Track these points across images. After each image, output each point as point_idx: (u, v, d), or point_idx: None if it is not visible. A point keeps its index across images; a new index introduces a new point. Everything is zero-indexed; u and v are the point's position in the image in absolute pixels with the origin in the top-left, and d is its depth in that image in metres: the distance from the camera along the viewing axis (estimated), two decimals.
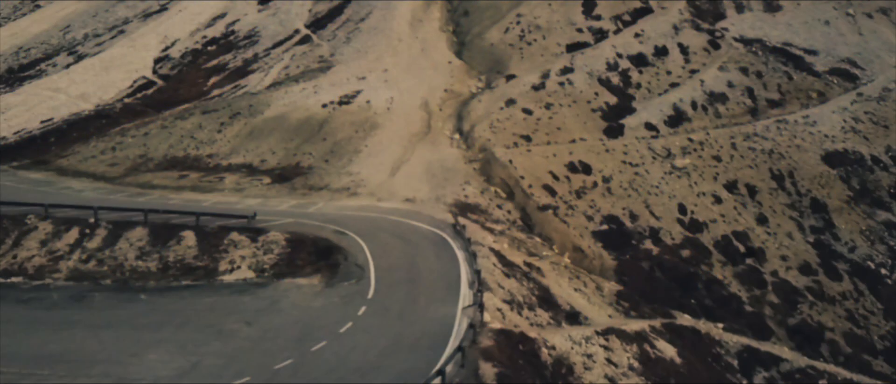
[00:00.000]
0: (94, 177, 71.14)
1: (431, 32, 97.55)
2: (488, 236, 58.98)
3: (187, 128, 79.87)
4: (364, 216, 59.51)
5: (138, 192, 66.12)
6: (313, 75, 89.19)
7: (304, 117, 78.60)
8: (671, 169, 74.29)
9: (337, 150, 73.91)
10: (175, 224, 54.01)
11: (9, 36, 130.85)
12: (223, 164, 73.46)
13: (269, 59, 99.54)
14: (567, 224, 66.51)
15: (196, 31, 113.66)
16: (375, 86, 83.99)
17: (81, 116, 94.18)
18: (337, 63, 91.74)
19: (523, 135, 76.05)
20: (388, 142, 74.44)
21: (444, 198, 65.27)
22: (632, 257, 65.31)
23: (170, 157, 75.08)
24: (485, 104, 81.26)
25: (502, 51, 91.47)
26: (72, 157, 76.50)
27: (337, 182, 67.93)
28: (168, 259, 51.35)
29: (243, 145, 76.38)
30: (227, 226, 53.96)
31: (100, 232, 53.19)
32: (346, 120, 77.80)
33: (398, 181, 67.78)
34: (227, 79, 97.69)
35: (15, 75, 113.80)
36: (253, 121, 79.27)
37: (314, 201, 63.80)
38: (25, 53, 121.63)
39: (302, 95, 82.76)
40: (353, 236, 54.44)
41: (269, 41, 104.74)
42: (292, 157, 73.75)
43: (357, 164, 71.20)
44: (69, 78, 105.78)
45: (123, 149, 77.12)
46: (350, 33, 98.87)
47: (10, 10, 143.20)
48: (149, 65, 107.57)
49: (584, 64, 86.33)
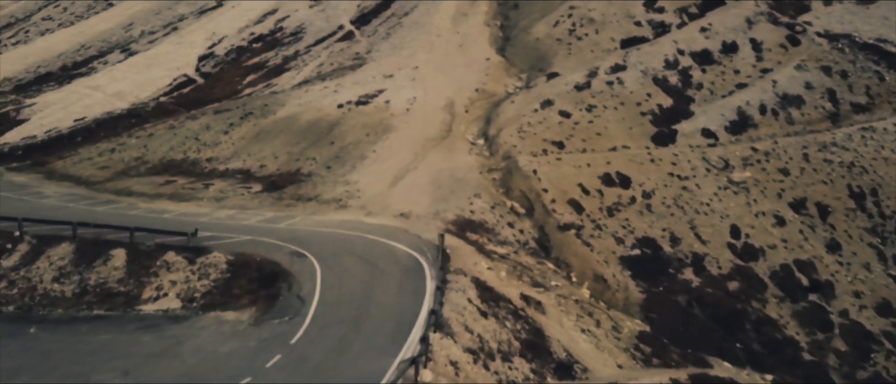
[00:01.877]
0: (78, 181, 63.50)
1: (474, 27, 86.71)
2: (483, 262, 47.98)
3: (194, 129, 71.55)
4: (338, 234, 49.41)
5: (110, 199, 57.99)
6: (342, 73, 79.76)
7: (315, 118, 69.13)
8: (727, 183, 61.38)
9: (342, 155, 64.07)
10: (107, 240, 45.12)
11: (75, 33, 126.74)
12: (219, 169, 64.66)
13: (308, 56, 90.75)
14: (590, 247, 54.71)
15: (245, 27, 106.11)
16: (400, 84, 73.88)
17: (113, 115, 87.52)
18: (370, 60, 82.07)
19: (555, 141, 64.40)
20: (399, 147, 64.15)
21: (444, 213, 54.51)
22: (665, 289, 53.00)
23: (166, 161, 66.83)
24: (517, 106, 69.93)
25: (548, 46, 79.84)
26: (70, 159, 69.18)
27: (329, 192, 58.02)
28: (88, 282, 42.46)
29: (247, 148, 67.41)
30: (166, 245, 44.77)
31: (21, 247, 44.79)
32: (359, 122, 67.91)
33: (397, 193, 57.40)
34: (262, 77, 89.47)
35: (67, 73, 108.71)
36: (262, 122, 70.26)
37: (292, 214, 54.15)
38: (84, 51, 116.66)
39: (319, 95, 73.37)
40: (310, 260, 44.52)
41: (312, 38, 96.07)
42: (294, 162, 64.29)
43: (358, 171, 61.18)
44: (110, 76, 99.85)
45: (123, 151, 69.34)
46: (390, 29, 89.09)
47: (84, 8, 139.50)
48: (192, 62, 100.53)
49: (639, 61, 73.84)
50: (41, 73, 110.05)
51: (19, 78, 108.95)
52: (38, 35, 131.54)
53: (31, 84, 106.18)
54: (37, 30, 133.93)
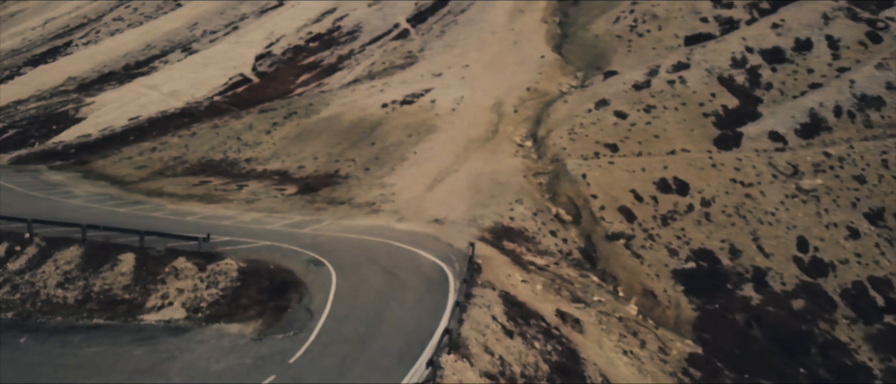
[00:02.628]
0: (113, 180, 61.31)
1: (530, 24, 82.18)
2: (517, 274, 43.70)
3: (237, 128, 68.89)
4: (363, 241, 45.66)
5: (138, 199, 55.43)
6: (391, 72, 76.26)
7: (357, 119, 65.69)
8: (795, 191, 55.66)
9: (382, 156, 60.43)
10: (117, 244, 42.23)
11: (142, 33, 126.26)
12: (257, 170, 61.71)
13: (362, 55, 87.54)
14: (641, 259, 49.85)
15: (303, 26, 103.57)
16: (448, 83, 69.95)
17: (166, 114, 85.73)
18: (421, 59, 78.36)
19: (608, 143, 59.55)
20: (441, 148, 60.19)
21: (480, 220, 50.34)
22: (721, 307, 47.81)
23: (205, 161, 64.23)
24: (570, 105, 65.23)
25: (607, 43, 74.84)
26: (111, 158, 67.24)
27: (363, 196, 54.41)
28: (92, 289, 39.62)
29: (287, 149, 64.34)
30: (177, 250, 41.66)
31: (30, 250, 42.22)
32: (401, 122, 64.19)
33: (434, 197, 53.44)
34: (315, 77, 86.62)
35: (129, 72, 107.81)
36: (305, 122, 67.20)
37: (321, 218, 50.66)
38: (148, 51, 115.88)
39: (365, 94, 69.93)
40: (327, 268, 40.90)
41: (368, 37, 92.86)
42: (333, 163, 60.92)
43: (396, 174, 57.46)
44: (167, 75, 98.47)
45: (164, 150, 67.08)
46: (445, 26, 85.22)
47: (153, 8, 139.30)
48: (249, 61, 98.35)
49: (704, 59, 68.29)
50: (105, 72, 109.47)
51: (84, 77, 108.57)
52: (107, 35, 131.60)
53: (94, 83, 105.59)
54: (107, 30, 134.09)
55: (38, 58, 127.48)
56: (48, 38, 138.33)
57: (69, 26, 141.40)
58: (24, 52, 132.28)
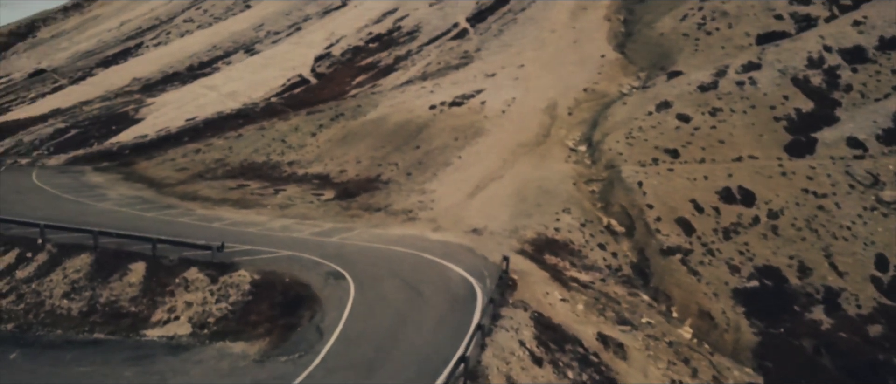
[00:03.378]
0: (151, 183, 59.10)
1: (592, 21, 77.41)
2: (556, 291, 39.46)
3: (283, 130, 66.16)
4: (392, 252, 42.00)
5: (170, 203, 52.91)
6: (444, 72, 72.57)
7: (404, 121, 62.17)
8: (875, 203, 49.91)
9: (426, 160, 56.76)
10: (130, 252, 39.53)
11: (210, 35, 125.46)
12: (298, 173, 58.71)
13: (418, 55, 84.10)
14: (698, 276, 44.97)
15: (363, 27, 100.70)
16: (501, 84, 65.88)
17: (222, 115, 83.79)
18: (476, 59, 74.45)
19: (669, 148, 54.68)
20: (487, 152, 56.16)
21: (523, 230, 46.19)
22: (787, 332, 42.61)
23: (247, 163, 61.57)
24: (629, 107, 60.44)
25: (672, 42, 69.61)
26: (156, 160, 65.27)
27: (401, 202, 50.80)
28: (98, 300, 36.96)
29: (331, 151, 61.23)
30: (191, 259, 38.75)
31: (40, 257, 39.86)
32: (449, 125, 60.40)
33: (474, 205, 49.47)
34: (371, 78, 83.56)
35: (192, 73, 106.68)
36: (351, 124, 63.99)
37: (353, 226, 47.19)
38: (213, 52, 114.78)
39: (414, 95, 66.41)
40: (347, 282, 37.40)
41: (426, 37, 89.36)
42: (376, 167, 57.51)
43: (438, 179, 53.70)
44: (227, 75, 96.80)
45: (208, 152, 64.75)
46: (504, 25, 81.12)
47: (222, 10, 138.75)
48: (309, 62, 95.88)
49: (777, 59, 62.63)
50: (169, 72, 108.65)
51: (148, 78, 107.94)
52: (177, 36, 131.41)
53: (158, 84, 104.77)
54: (177, 31, 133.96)
55: (110, 59, 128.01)
56: (121, 39, 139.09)
57: (141, 28, 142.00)
58: (98, 54, 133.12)
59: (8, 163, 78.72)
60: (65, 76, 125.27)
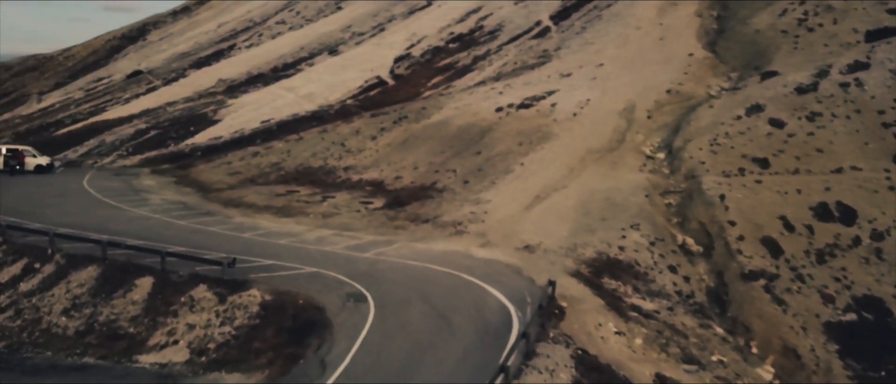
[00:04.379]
0: (200, 187, 55.96)
1: (682, 17, 70.44)
2: (611, 323, 33.80)
3: (344, 133, 62.22)
4: (428, 271, 37.06)
5: (210, 210, 49.41)
6: (519, 73, 67.23)
7: (467, 124, 57.18)
8: None
9: (486, 167, 51.61)
10: (139, 265, 35.89)
11: (300, 36, 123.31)
12: (353, 179, 54.49)
13: (497, 55, 78.98)
14: (784, 306, 38.35)
15: (445, 27, 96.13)
16: (576, 85, 60.08)
17: (297, 117, 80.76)
18: (555, 58, 68.82)
19: (758, 157, 47.88)
20: (552, 159, 50.56)
21: (582, 248, 40.52)
22: (888, 375, 35.64)
23: (302, 168, 57.76)
24: (716, 111, 53.73)
25: (769, 39, 62.19)
26: (214, 162, 62.31)
27: (452, 213, 45.79)
28: (98, 318, 33.43)
29: (389, 156, 56.81)
30: (201, 275, 34.80)
31: (47, 268, 36.70)
32: (514, 128, 55.05)
33: (531, 218, 44.00)
34: (447, 79, 78.95)
35: (276, 74, 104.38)
36: (413, 127, 59.48)
37: (393, 240, 42.46)
38: (299, 53, 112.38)
39: (482, 97, 61.35)
40: (368, 306, 32.75)
41: (507, 36, 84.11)
42: (433, 174, 52.74)
43: (496, 188, 48.46)
44: (306, 77, 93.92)
45: (266, 155, 61.34)
46: (587, 22, 75.07)
47: (314, 11, 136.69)
48: (388, 64, 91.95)
49: (889, 58, 54.72)
50: (254, 74, 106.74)
51: (234, 79, 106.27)
52: (269, 38, 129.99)
53: (242, 85, 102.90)
54: (269, 33, 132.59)
55: (203, 60, 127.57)
56: (216, 41, 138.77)
57: (236, 30, 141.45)
58: (192, 55, 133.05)
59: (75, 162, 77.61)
60: (159, 77, 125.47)
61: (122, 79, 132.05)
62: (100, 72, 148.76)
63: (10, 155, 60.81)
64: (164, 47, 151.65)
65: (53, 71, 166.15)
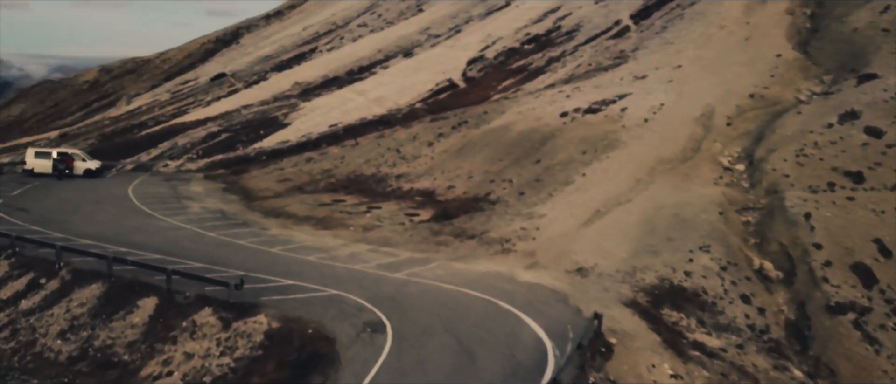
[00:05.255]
0: (246, 195, 52.96)
1: (771, 16, 63.87)
2: (667, 363, 28.85)
3: (401, 139, 58.40)
4: (461, 296, 32.67)
5: (247, 220, 46.11)
6: (591, 75, 62.18)
7: (528, 130, 52.53)
8: None
9: (545, 177, 46.86)
10: (145, 284, 32.76)
11: (379, 39, 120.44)
12: (403, 189, 50.55)
13: (571, 56, 73.95)
14: (877, 346, 32.50)
15: (522, 28, 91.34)
16: (650, 88, 54.70)
17: (365, 121, 77.46)
18: (631, 59, 63.45)
19: (850, 171, 41.75)
20: (617, 170, 45.43)
21: (641, 273, 35.45)
22: None
23: (353, 175, 54.14)
24: (805, 118, 47.62)
25: (868, 39, 55.36)
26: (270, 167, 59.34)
27: (501, 228, 41.24)
28: (93, 343, 30.41)
29: (444, 164, 52.66)
30: (207, 297, 31.34)
31: (52, 284, 33.94)
32: (578, 135, 50.10)
33: (587, 236, 39.06)
34: (518, 81, 74.34)
35: (351, 77, 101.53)
36: (472, 133, 55.17)
37: (432, 258, 38.19)
38: (376, 55, 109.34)
39: (547, 101, 56.58)
40: (386, 337, 28.70)
41: (584, 36, 78.87)
42: (487, 184, 48.31)
43: (553, 201, 43.66)
44: (377, 80, 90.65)
45: (320, 161, 58.08)
46: (668, 21, 69.31)
47: (396, 13, 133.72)
48: (461, 66, 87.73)
49: None
50: (330, 77, 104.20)
51: (309, 82, 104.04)
52: (350, 41, 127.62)
53: (317, 88, 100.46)
54: (350, 36, 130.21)
55: (284, 63, 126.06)
56: (299, 43, 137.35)
57: (318, 33, 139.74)
58: (274, 58, 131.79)
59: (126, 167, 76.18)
60: (241, 80, 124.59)
61: (206, 81, 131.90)
62: (188, 74, 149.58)
63: (58, 159, 59.27)
64: (250, 50, 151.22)
65: (150, 73, 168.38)
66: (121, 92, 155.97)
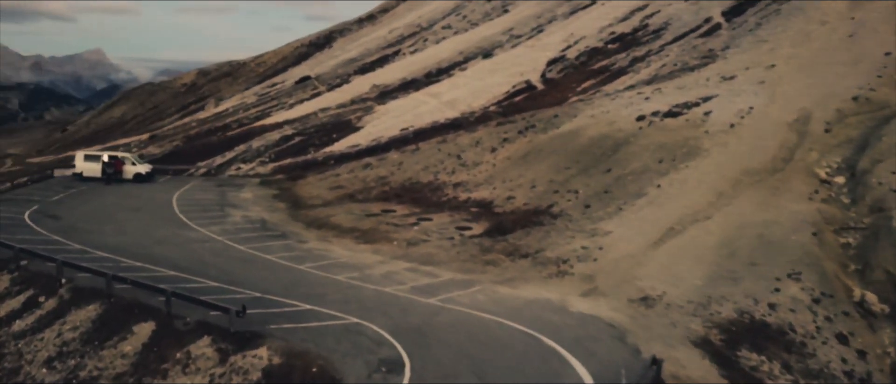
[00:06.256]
0: (295, 203, 49.21)
1: (880, 10, 56.36)
2: None
3: (463, 144, 53.81)
4: (499, 329, 27.74)
5: (286, 231, 42.11)
6: (676, 75, 56.27)
7: (600, 135, 47.09)
8: None
9: (614, 188, 41.39)
10: (144, 306, 28.83)
11: (461, 41, 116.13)
12: (459, 198, 45.88)
13: (657, 56, 67.97)
14: None
15: (606, 26, 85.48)
16: (738, 89, 48.48)
17: (436, 125, 73.23)
18: (720, 58, 57.22)
19: None
20: (697, 181, 39.58)
21: (717, 305, 29.80)
22: None
23: (409, 183, 49.81)
24: None
25: None
26: (323, 175, 55.58)
27: (560, 247, 36.05)
28: (80, 373, 26.72)
29: (505, 172, 47.75)
30: (208, 324, 27.30)
31: (50, 303, 30.49)
32: (654, 141, 44.40)
33: (656, 258, 33.54)
34: (598, 83, 68.85)
35: (429, 79, 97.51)
36: (538, 138, 50.11)
37: (475, 280, 33.30)
38: (456, 57, 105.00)
39: (623, 103, 51.02)
40: (400, 382, 23.94)
41: (672, 35, 72.66)
42: (550, 195, 43.15)
43: (621, 216, 38.20)
44: (452, 83, 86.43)
45: (378, 167, 53.99)
46: (763, 18, 62.63)
47: (481, 15, 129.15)
48: (540, 67, 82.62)
49: None
50: (408, 79, 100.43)
51: (387, 85, 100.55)
52: (433, 43, 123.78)
53: (394, 91, 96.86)
54: (434, 38, 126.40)
55: (367, 66, 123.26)
56: (383, 46, 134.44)
57: (403, 35, 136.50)
58: (358, 61, 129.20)
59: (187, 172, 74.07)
60: (324, 83, 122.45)
61: (292, 84, 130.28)
62: (277, 77, 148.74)
63: (107, 163, 56.93)
64: (338, 54, 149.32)
65: (245, 77, 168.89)
66: (217, 95, 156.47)
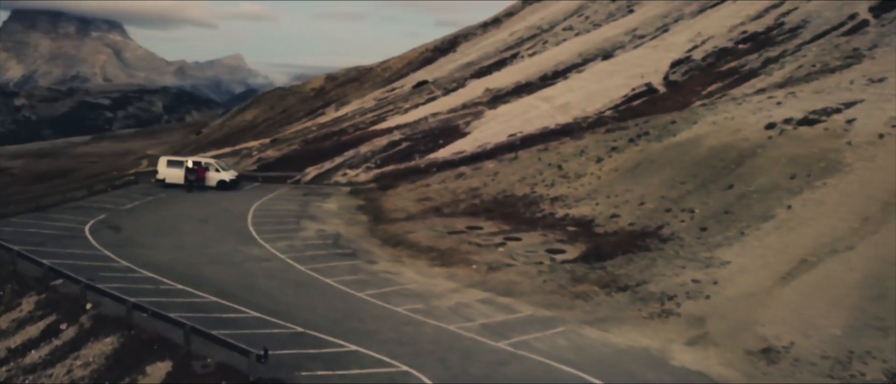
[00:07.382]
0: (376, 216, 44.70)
1: None
2: None
3: (565, 154, 47.93)
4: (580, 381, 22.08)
5: (361, 249, 37.47)
6: (813, 77, 48.57)
7: (722, 145, 40.22)
8: None
9: (736, 208, 34.61)
10: (163, 340, 24.73)
11: (582, 42, 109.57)
12: (556, 215, 40.08)
13: (793, 56, 59.93)
14: None
15: (737, 25, 77.22)
16: (887, 95, 40.53)
17: (546, 131, 67.60)
18: (866, 58, 49.13)
19: None
20: (838, 202, 32.30)
21: (859, 362, 23.04)
22: None
23: (502, 196, 44.35)
24: None
25: None
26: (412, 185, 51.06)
27: (666, 279, 29.78)
28: None
29: (611, 186, 41.58)
30: (230, 367, 22.89)
31: (70, 332, 26.83)
32: (786, 153, 37.20)
33: (784, 298, 26.83)
34: (725, 86, 61.39)
35: (544, 82, 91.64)
36: (651, 147, 43.62)
37: (559, 318, 27.56)
38: (575, 59, 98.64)
39: (751, 109, 43.84)
40: None
41: (810, 33, 64.11)
42: (661, 213, 36.76)
43: (743, 243, 31.50)
44: (567, 85, 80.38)
45: (469, 178, 48.87)
46: None
47: (604, 15, 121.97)
48: (662, 69, 75.33)
49: None
50: (521, 82, 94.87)
51: (499, 89, 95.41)
52: (553, 45, 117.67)
53: (506, 95, 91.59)
54: (554, 40, 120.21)
55: (484, 70, 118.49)
56: (501, 49, 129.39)
57: (522, 38, 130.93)
58: (475, 65, 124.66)
59: None
60: (440, 87, 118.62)
61: (409, 89, 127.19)
62: (397, 82, 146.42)
63: (190, 169, 54.14)
64: (458, 57, 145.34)
65: (371, 81, 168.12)
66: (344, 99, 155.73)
